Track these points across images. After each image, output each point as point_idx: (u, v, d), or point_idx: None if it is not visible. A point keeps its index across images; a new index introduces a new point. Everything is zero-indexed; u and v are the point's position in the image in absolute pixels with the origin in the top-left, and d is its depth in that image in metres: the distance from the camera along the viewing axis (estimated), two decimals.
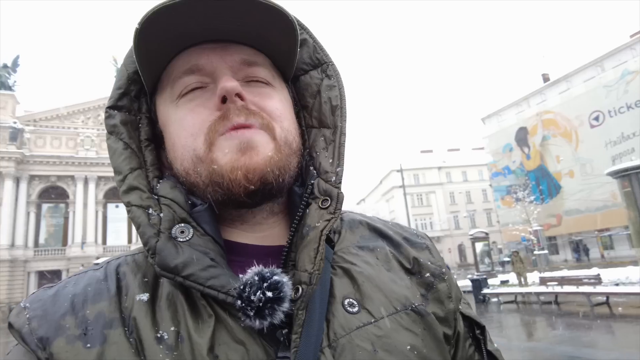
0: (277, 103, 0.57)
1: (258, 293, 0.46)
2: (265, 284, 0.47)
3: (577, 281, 12.34)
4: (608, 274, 16.59)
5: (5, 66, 38.57)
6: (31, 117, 39.20)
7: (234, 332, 0.48)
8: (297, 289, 0.49)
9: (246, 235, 0.57)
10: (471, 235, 24.47)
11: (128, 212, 0.52)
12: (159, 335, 0.46)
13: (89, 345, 0.45)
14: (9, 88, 38.41)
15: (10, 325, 0.49)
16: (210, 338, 0.46)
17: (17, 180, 35.82)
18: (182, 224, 0.52)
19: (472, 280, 16.51)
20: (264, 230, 0.58)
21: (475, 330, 0.65)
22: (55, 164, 37.56)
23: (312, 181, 0.58)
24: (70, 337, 0.46)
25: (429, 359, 0.53)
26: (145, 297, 0.50)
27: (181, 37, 0.53)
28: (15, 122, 36.76)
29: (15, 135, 36.06)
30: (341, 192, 0.56)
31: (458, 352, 0.62)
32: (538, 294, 13.25)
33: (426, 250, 0.67)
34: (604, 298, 11.37)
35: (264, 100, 0.56)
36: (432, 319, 0.57)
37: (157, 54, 0.54)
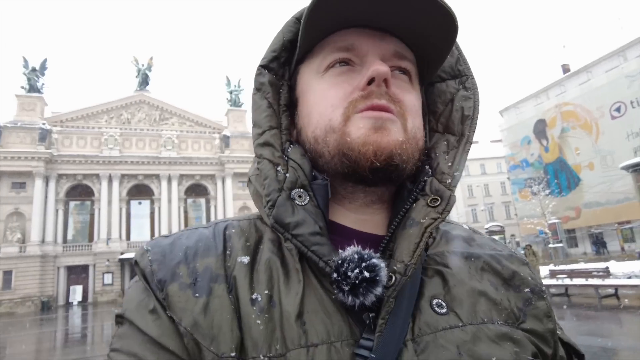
0: (414, 100, 0.59)
1: (356, 271, 0.48)
2: (363, 264, 0.48)
3: (587, 274, 12.52)
4: (623, 267, 16.61)
5: (34, 69, 40.14)
6: (58, 118, 40.79)
7: (323, 303, 0.50)
8: (391, 277, 0.50)
9: (349, 215, 0.59)
10: (487, 229, 24.57)
11: (258, 163, 0.58)
12: (253, 297, 0.49)
13: (197, 294, 0.49)
14: (38, 90, 40.00)
15: (136, 263, 0.54)
16: (299, 304, 0.49)
17: (47, 180, 37.44)
18: (301, 190, 0.55)
19: None
20: (367, 214, 0.59)
21: (573, 358, 0.64)
22: (81, 163, 39.05)
23: (425, 178, 0.59)
24: (182, 285, 0.50)
25: None
26: (246, 259, 0.53)
27: (347, 17, 0.54)
28: (44, 124, 38.38)
29: (44, 136, 37.67)
30: (453, 195, 0.57)
31: None
32: (548, 286, 13.42)
33: (526, 266, 0.66)
34: (613, 290, 11.53)
35: (404, 93, 0.57)
36: (521, 336, 0.55)
37: (320, 28, 0.56)
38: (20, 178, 36.43)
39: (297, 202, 0.54)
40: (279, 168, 0.56)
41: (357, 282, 0.48)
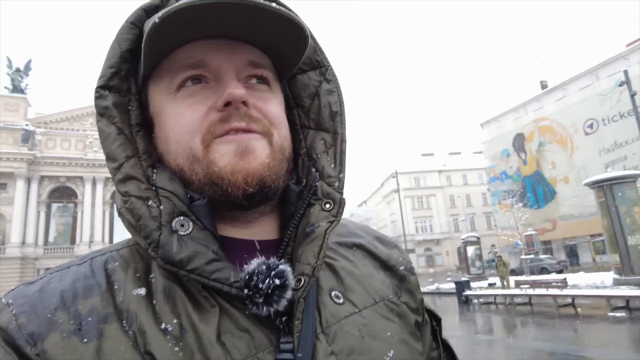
0: (277, 109, 0.58)
1: (267, 280, 0.48)
2: (272, 272, 0.49)
3: (547, 284, 13.28)
4: (588, 278, 17.48)
5: (17, 70, 40.00)
6: (42, 119, 40.60)
7: (237, 321, 0.49)
8: (300, 280, 0.52)
9: (238, 231, 0.58)
10: (463, 239, 25.37)
11: (125, 202, 0.52)
12: (162, 327, 0.47)
13: (85, 340, 0.45)
14: (22, 91, 39.84)
15: None
16: (217, 327, 0.48)
17: (29, 181, 37.18)
18: (182, 217, 0.51)
19: (456, 283, 17.49)
20: (254, 227, 0.59)
21: (433, 322, 0.72)
22: (65, 165, 38.88)
23: (316, 183, 0.60)
24: (65, 332, 0.45)
25: (407, 343, 0.59)
26: (142, 291, 0.50)
27: (194, 31, 0.51)
28: (27, 125, 38.15)
29: (27, 137, 37.45)
30: (344, 198, 0.59)
31: (426, 337, 0.68)
32: (513, 295, 14.16)
33: (395, 248, 0.74)
34: (570, 300, 12.28)
35: (266, 104, 0.56)
36: (404, 308, 0.63)
37: (165, 44, 0.52)
38: (1, 179, 36.13)
39: (181, 233, 0.50)
40: (150, 202, 0.51)
41: (269, 291, 0.48)
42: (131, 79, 0.58)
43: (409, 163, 60.73)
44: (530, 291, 13.36)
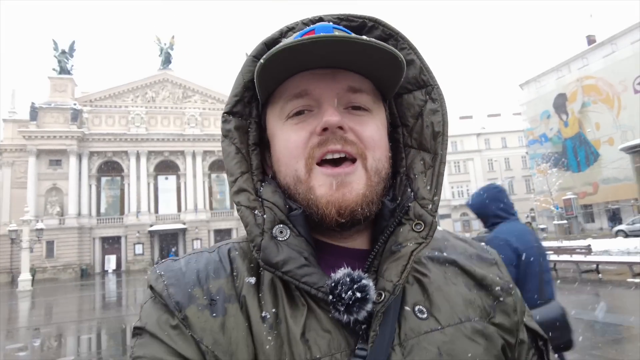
0: (373, 131, 0.61)
1: (349, 292, 0.53)
2: (355, 286, 0.53)
3: (571, 251, 13.32)
4: (622, 244, 17.18)
5: (63, 52, 42.13)
6: (87, 98, 42.89)
7: (322, 322, 0.54)
8: (380, 294, 0.55)
9: (333, 240, 0.63)
10: None
11: (238, 210, 0.60)
12: (263, 314, 0.54)
13: (214, 314, 0.54)
14: (68, 72, 42.10)
15: (152, 288, 0.58)
16: (303, 324, 0.54)
17: (80, 157, 39.98)
18: (281, 225, 0.58)
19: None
20: (347, 241, 0.63)
21: (539, 341, 0.71)
22: (110, 141, 41.30)
23: (409, 204, 0.62)
24: (200, 306, 0.54)
25: None
26: (253, 280, 0.58)
27: (298, 64, 0.57)
28: (75, 104, 40.55)
29: (75, 115, 39.91)
30: (435, 221, 0.61)
31: (522, 358, 0.67)
32: None
33: (495, 266, 0.72)
34: (594, 266, 12.36)
35: (362, 127, 0.60)
36: (492, 330, 0.63)
37: (275, 78, 0.60)
38: (56, 156, 39.04)
39: (280, 239, 0.57)
40: (256, 212, 0.59)
41: (350, 302, 0.53)
42: (253, 104, 0.65)
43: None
44: (554, 257, 13.45)
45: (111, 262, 39.11)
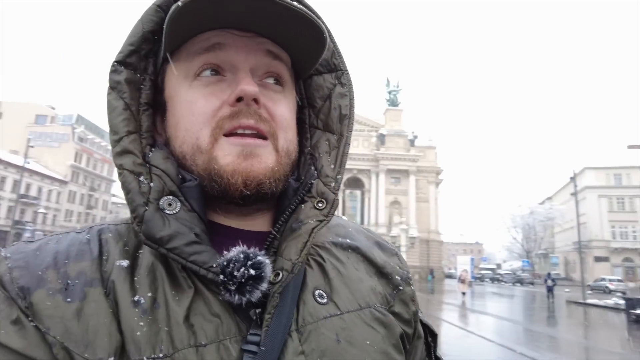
0: (286, 111, 0.59)
1: (242, 269, 0.49)
2: (249, 262, 0.50)
3: None
4: None
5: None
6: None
7: (210, 305, 0.50)
8: (278, 274, 0.52)
9: (229, 221, 0.58)
10: None
11: (120, 175, 0.53)
12: (135, 299, 0.48)
13: (69, 299, 0.47)
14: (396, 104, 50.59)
15: None
16: (187, 307, 0.49)
17: None
18: (171, 197, 0.52)
19: (625, 299, 15.54)
20: (247, 220, 0.59)
21: (429, 337, 0.72)
22: (357, 160, 48.21)
23: (312, 181, 0.60)
24: (51, 290, 0.47)
25: (387, 354, 0.57)
26: (125, 263, 0.51)
27: (216, 18, 0.53)
28: (412, 132, 50.21)
29: (412, 141, 49.19)
30: (337, 199, 0.59)
31: (417, 351, 0.68)
32: None
33: (395, 256, 0.72)
34: None
35: (275, 105, 0.57)
36: (391, 318, 0.61)
37: (187, 27, 0.53)
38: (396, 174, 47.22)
39: (168, 212, 0.51)
40: (141, 178, 0.53)
41: (243, 280, 0.49)
42: (150, 60, 0.59)
43: (608, 156, 51.80)
44: None
45: None
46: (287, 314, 0.52)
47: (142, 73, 0.58)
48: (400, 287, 0.67)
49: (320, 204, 0.58)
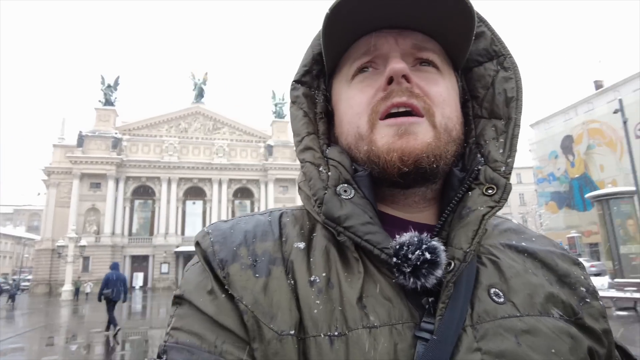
0: (442, 89, 0.58)
1: (417, 252, 0.48)
2: (424, 246, 0.49)
3: None
4: (597, 281, 18.66)
5: (109, 86, 46.85)
6: (127, 127, 47.25)
7: (382, 288, 0.50)
8: (450, 263, 0.50)
9: (396, 212, 0.60)
10: None
11: (302, 167, 0.60)
12: (311, 279, 0.51)
13: (257, 275, 0.52)
14: (112, 104, 46.67)
15: (197, 244, 0.57)
16: (360, 289, 0.50)
17: (117, 181, 43.89)
18: (346, 185, 0.56)
19: None
20: (414, 212, 0.60)
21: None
22: (145, 167, 45.13)
23: (478, 167, 0.59)
24: (243, 265, 0.52)
25: None
26: (302, 245, 0.55)
27: (362, 23, 0.56)
28: (116, 133, 44.92)
29: (116, 143, 44.18)
30: (509, 183, 0.56)
31: None
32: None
33: (577, 266, 0.64)
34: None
35: (429, 84, 0.57)
36: (575, 331, 0.54)
37: (340, 39, 0.58)
38: (96, 179, 43.06)
39: (344, 197, 0.55)
40: (321, 168, 0.58)
41: (418, 263, 0.48)
42: (321, 79, 0.67)
43: None
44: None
45: (139, 279, 42.12)
46: (460, 307, 0.50)
47: (315, 89, 0.66)
48: (587, 300, 0.60)
49: (490, 190, 0.56)
